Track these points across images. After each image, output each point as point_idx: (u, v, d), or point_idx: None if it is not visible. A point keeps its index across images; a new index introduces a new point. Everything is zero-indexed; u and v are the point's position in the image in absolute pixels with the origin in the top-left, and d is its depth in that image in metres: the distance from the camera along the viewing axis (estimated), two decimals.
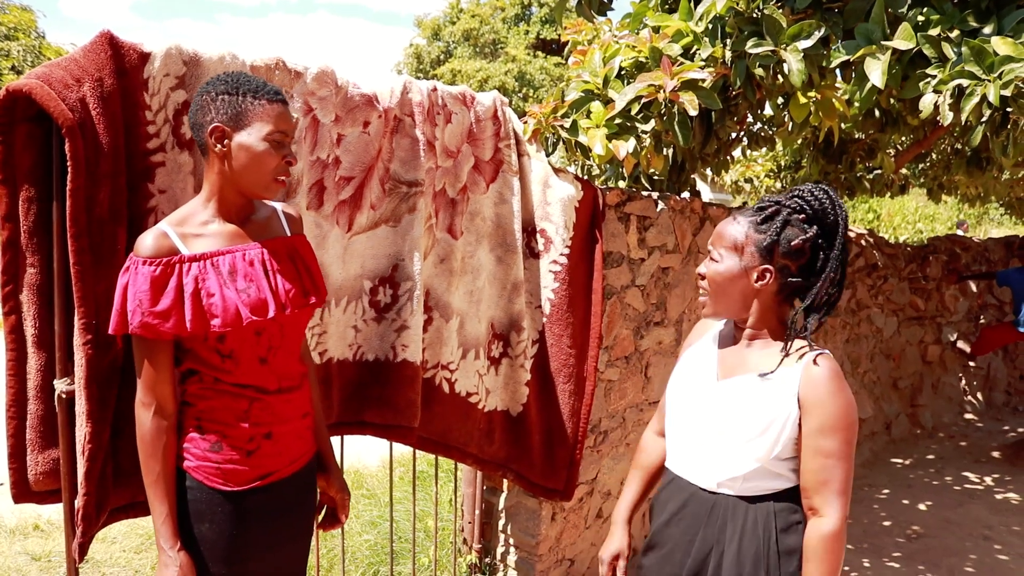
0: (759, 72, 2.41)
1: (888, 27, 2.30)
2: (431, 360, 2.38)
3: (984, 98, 2.07)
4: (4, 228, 1.55)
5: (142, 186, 1.69)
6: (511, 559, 3.00)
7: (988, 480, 4.86)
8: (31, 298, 1.60)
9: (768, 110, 3.38)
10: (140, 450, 1.46)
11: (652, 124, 2.51)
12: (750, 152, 5.55)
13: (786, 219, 1.50)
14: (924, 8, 2.28)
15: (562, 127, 2.61)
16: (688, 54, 2.62)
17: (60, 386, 1.62)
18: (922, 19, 2.27)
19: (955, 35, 2.23)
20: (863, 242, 5.27)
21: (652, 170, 3.04)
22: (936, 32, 2.23)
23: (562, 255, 2.57)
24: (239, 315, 1.45)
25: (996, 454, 5.42)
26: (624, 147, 2.46)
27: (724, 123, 2.98)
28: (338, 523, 1.84)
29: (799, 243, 1.49)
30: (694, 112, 2.37)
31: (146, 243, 1.41)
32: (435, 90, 2.23)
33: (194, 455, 1.51)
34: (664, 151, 3.29)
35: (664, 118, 2.50)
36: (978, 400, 6.62)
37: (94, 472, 1.58)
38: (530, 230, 2.57)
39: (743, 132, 4.00)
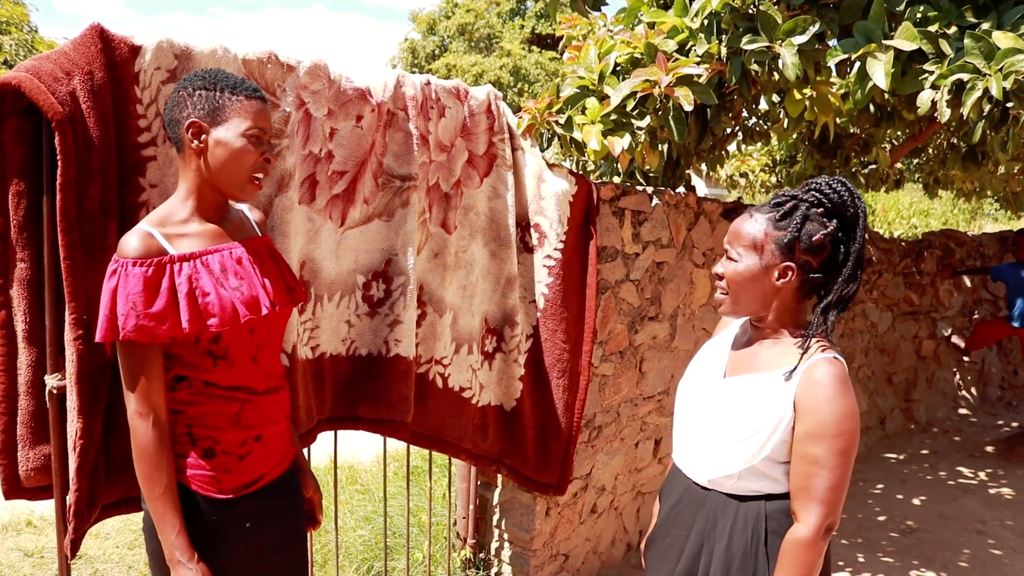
0: (754, 68, 2.41)
1: (886, 24, 2.30)
2: (424, 355, 2.38)
3: (986, 92, 2.06)
4: None
5: (133, 180, 1.68)
6: (505, 554, 3.00)
7: (982, 475, 4.88)
8: (21, 293, 1.59)
9: (763, 105, 3.37)
10: (142, 463, 1.39)
11: (647, 120, 2.51)
12: (745, 147, 5.55)
13: (805, 214, 1.46)
14: (921, 5, 2.28)
15: (557, 123, 2.60)
16: (683, 50, 2.62)
17: (51, 382, 1.61)
18: (920, 15, 2.26)
19: (953, 31, 2.22)
20: None
21: (647, 166, 3.03)
22: (934, 28, 2.22)
23: (556, 250, 2.57)
24: (236, 313, 1.43)
25: (990, 449, 5.44)
26: (619, 143, 2.45)
27: (719, 119, 2.98)
28: (316, 523, 1.82)
29: (820, 238, 1.44)
30: (689, 108, 2.37)
31: (132, 244, 1.36)
32: (428, 84, 2.22)
33: (187, 464, 1.47)
34: (659, 147, 3.28)
35: (659, 114, 2.49)
36: (972, 395, 6.64)
37: (86, 468, 1.58)
38: (524, 225, 2.57)
39: (738, 127, 4.00)
